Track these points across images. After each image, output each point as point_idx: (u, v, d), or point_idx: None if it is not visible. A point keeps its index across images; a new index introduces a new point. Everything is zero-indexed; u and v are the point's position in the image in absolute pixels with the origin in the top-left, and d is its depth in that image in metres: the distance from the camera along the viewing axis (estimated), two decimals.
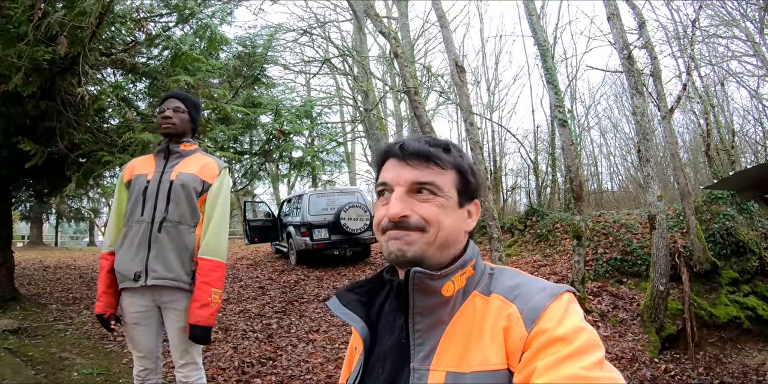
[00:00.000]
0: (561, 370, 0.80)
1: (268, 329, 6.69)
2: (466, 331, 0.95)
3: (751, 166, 13.65)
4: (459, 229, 1.03)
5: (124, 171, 2.91)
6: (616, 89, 21.97)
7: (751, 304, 7.77)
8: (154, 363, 2.80)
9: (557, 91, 8.00)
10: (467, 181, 1.04)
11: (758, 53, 13.05)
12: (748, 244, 8.35)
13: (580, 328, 0.87)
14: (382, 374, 1.02)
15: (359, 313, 1.08)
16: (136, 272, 2.66)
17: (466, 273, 1.01)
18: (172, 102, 2.85)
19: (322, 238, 11.05)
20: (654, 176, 7.34)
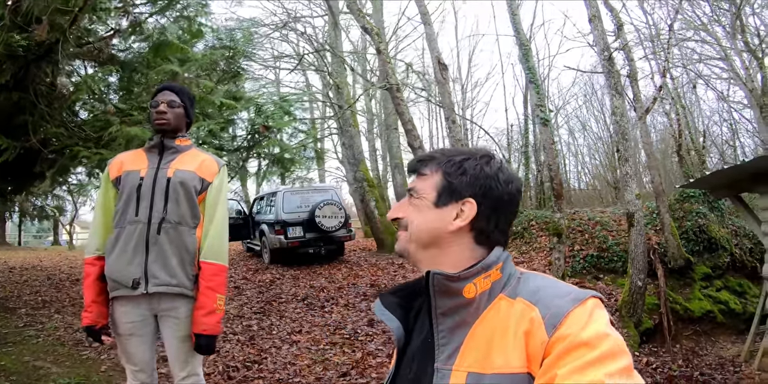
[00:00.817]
0: (584, 377, 0.79)
1: (249, 331, 6.54)
2: (489, 333, 0.96)
3: (721, 166, 14.13)
4: (433, 228, 1.06)
5: (111, 167, 2.66)
6: (587, 90, 22.44)
7: (723, 299, 8.06)
8: (151, 376, 2.59)
9: (539, 90, 8.13)
10: (450, 182, 1.06)
11: (727, 57, 13.47)
12: (720, 241, 8.65)
13: (605, 333, 0.85)
14: (409, 374, 1.06)
15: (397, 314, 1.11)
16: (134, 279, 2.44)
17: (491, 276, 1.01)
18: (167, 95, 2.64)
19: (296, 236, 10.93)
20: (632, 175, 7.52)
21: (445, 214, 1.06)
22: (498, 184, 1.06)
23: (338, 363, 5.43)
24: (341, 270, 10.72)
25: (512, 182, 1.08)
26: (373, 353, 5.73)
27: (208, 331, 2.49)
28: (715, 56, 15.18)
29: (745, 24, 12.53)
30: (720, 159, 16.46)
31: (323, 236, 11.05)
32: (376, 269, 10.56)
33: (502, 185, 1.06)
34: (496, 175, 1.06)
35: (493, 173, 1.06)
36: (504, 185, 1.06)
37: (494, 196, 1.05)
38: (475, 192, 1.05)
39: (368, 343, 6.10)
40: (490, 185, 1.05)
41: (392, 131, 18.34)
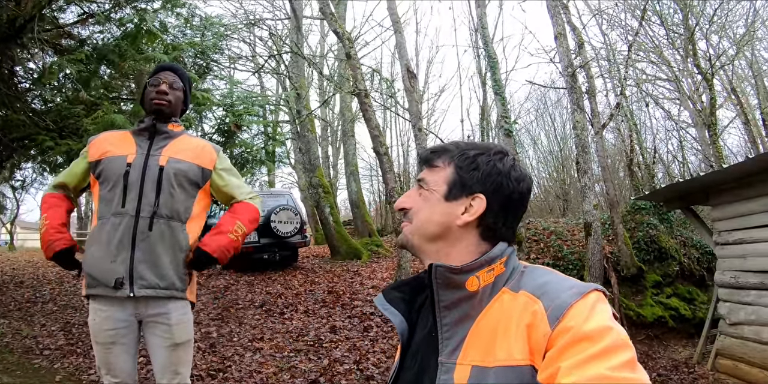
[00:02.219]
0: (586, 371, 0.78)
1: (208, 338, 6.30)
2: (492, 326, 0.96)
3: (667, 180, 14.76)
4: (440, 221, 1.06)
5: (92, 146, 2.41)
6: (539, 105, 23.12)
7: (674, 305, 8.42)
8: None
9: (504, 102, 8.31)
10: (461, 176, 1.06)
11: (677, 79, 14.13)
12: (669, 251, 9.05)
13: (607, 327, 0.85)
14: (414, 368, 1.05)
15: (399, 309, 1.12)
16: (117, 278, 2.18)
17: (495, 270, 1.01)
18: (169, 76, 2.46)
19: (251, 241, 10.59)
20: (591, 186, 7.78)
21: (454, 208, 1.06)
22: (509, 181, 1.06)
23: (305, 370, 5.33)
24: (297, 276, 10.54)
25: (524, 181, 1.08)
26: (340, 360, 5.66)
27: (211, 249, 2.36)
28: (663, 77, 15.97)
29: (697, 47, 13.20)
30: (665, 174, 17.20)
31: (278, 242, 10.81)
32: (332, 276, 10.44)
33: (513, 183, 1.06)
34: (509, 172, 1.06)
35: (506, 170, 1.06)
36: (515, 183, 1.06)
37: (505, 193, 1.05)
38: (485, 188, 1.05)
39: (333, 350, 6.03)
40: (502, 182, 1.05)
41: (349, 138, 18.35)
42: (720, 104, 15.32)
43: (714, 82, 12.83)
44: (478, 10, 8.17)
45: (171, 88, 2.44)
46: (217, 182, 2.51)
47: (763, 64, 18.90)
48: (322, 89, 20.32)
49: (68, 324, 6.62)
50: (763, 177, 5.73)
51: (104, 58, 5.05)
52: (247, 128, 6.87)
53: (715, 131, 12.19)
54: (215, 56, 6.84)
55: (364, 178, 24.67)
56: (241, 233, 2.44)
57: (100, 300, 2.27)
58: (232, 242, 2.41)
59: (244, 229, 2.45)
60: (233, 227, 2.41)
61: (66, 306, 7.65)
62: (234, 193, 2.54)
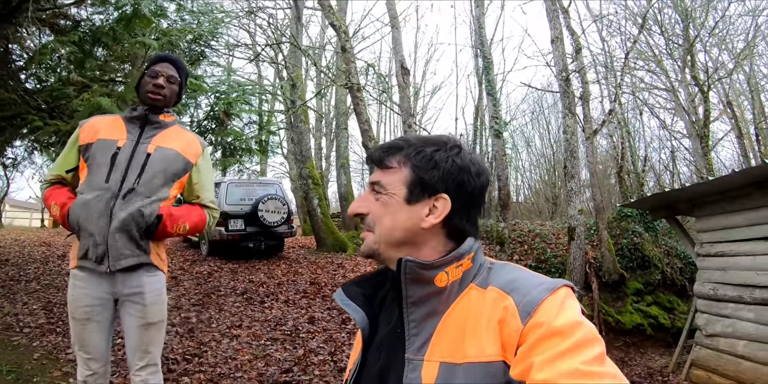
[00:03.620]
0: (560, 365, 0.79)
1: (187, 323, 6.33)
2: (461, 323, 0.95)
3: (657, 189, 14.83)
4: (405, 227, 1.02)
5: (82, 130, 2.46)
6: (535, 107, 23.22)
7: (653, 313, 8.48)
8: (104, 366, 2.42)
9: (496, 103, 8.33)
10: (421, 177, 1.01)
11: (673, 89, 14.18)
12: (653, 259, 9.11)
13: (578, 322, 0.85)
14: (377, 364, 1.04)
15: (361, 304, 1.09)
16: (98, 255, 2.27)
17: (463, 266, 0.99)
18: (167, 68, 2.50)
19: (237, 229, 10.69)
20: (577, 191, 7.81)
21: (417, 211, 1.01)
22: (471, 177, 1.02)
23: (280, 359, 5.36)
24: (280, 266, 10.59)
25: (483, 174, 1.05)
26: (315, 351, 5.69)
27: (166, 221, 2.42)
28: (661, 87, 16.04)
29: (696, 59, 13.24)
30: (656, 183, 17.29)
31: (264, 231, 10.85)
32: (316, 267, 10.49)
33: (474, 178, 1.03)
34: (469, 167, 1.03)
35: (466, 166, 1.02)
36: (476, 178, 1.03)
37: (467, 190, 1.02)
38: (447, 186, 1.01)
39: (310, 341, 6.05)
40: (463, 179, 1.02)
41: (342, 131, 18.34)
42: (715, 117, 15.40)
43: (711, 94, 12.90)
44: (476, 11, 8.18)
45: (168, 82, 2.49)
46: (193, 177, 2.58)
47: (761, 79, 19.01)
48: (318, 80, 20.27)
49: (50, 303, 6.62)
50: (748, 191, 5.76)
51: (98, 40, 5.05)
52: (237, 116, 6.82)
53: (707, 143, 12.27)
54: (211, 43, 6.83)
55: (356, 171, 24.71)
56: (181, 232, 2.51)
57: (78, 275, 2.36)
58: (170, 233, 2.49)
59: (185, 231, 2.52)
60: (181, 224, 2.49)
61: (49, 285, 7.64)
62: (200, 193, 2.62)
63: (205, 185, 2.64)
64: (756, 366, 5.52)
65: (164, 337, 2.60)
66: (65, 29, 5.07)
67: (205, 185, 2.64)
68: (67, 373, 4.42)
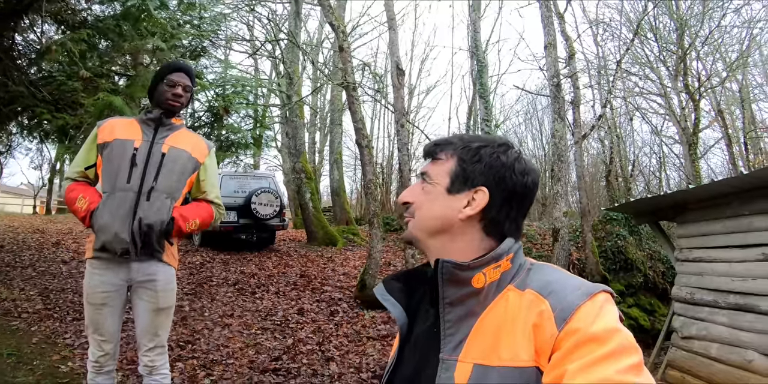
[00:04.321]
0: (594, 373, 0.77)
1: (180, 311, 6.49)
2: (497, 325, 0.94)
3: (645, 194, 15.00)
4: (442, 215, 1.04)
5: (101, 130, 2.67)
6: (529, 109, 23.43)
7: (634, 315, 8.67)
8: (115, 347, 2.62)
9: (488, 105, 8.50)
10: (464, 168, 1.04)
11: (666, 95, 14.35)
12: (636, 262, 9.31)
13: (615, 329, 0.83)
14: (413, 362, 1.05)
15: (400, 300, 1.10)
16: (123, 248, 2.48)
17: (501, 266, 0.98)
18: (184, 78, 2.72)
19: (230, 221, 10.83)
20: (563, 194, 7.99)
21: (457, 201, 1.03)
22: (513, 174, 1.03)
23: (270, 348, 5.54)
24: (271, 258, 10.75)
25: (528, 174, 1.05)
26: (304, 340, 5.87)
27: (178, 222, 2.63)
28: (654, 92, 16.20)
29: (689, 67, 13.41)
30: (645, 188, 17.49)
31: (257, 223, 11.01)
32: (306, 260, 10.66)
33: (517, 176, 1.03)
34: (513, 165, 1.03)
35: (510, 163, 1.03)
36: (519, 176, 1.03)
37: (508, 186, 1.02)
38: (488, 180, 1.02)
39: (299, 331, 6.23)
40: (505, 175, 1.02)
41: (336, 127, 18.43)
42: (706, 125, 15.60)
43: (702, 102, 13.06)
44: (472, 15, 8.33)
45: (184, 91, 2.73)
46: (200, 175, 2.82)
47: (753, 88, 19.22)
48: (315, 76, 20.37)
49: (46, 289, 6.77)
50: (727, 200, 5.89)
51: (105, 35, 5.21)
52: (235, 112, 6.95)
53: (696, 151, 12.46)
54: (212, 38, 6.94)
55: (349, 166, 24.81)
56: (193, 227, 2.73)
57: (98, 263, 2.56)
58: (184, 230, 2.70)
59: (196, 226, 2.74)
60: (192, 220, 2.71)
61: (45, 272, 7.77)
62: (207, 189, 2.86)
63: (211, 182, 2.86)
64: (728, 368, 5.66)
65: (171, 322, 2.82)
66: (74, 24, 5.19)
67: (211, 182, 2.86)
68: (65, 356, 4.58)
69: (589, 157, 21.56)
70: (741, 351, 5.49)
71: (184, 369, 4.67)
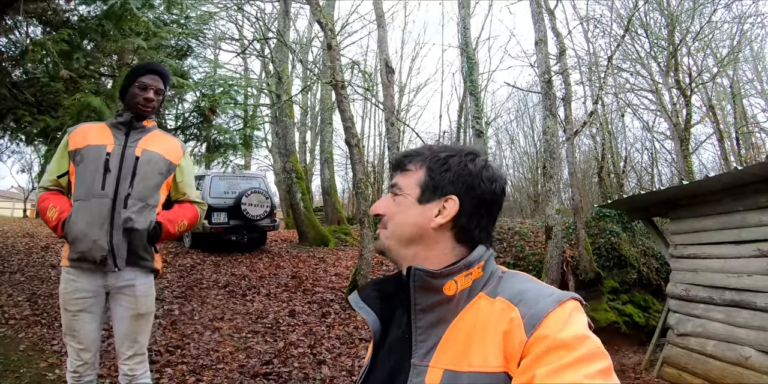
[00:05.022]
0: (562, 378, 0.78)
1: (170, 315, 6.43)
2: (467, 331, 0.95)
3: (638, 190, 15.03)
4: (414, 224, 1.05)
5: (72, 137, 2.59)
6: (520, 106, 23.47)
7: (628, 312, 8.63)
8: (95, 356, 2.53)
9: (478, 102, 8.44)
10: (433, 178, 1.06)
11: (657, 91, 14.35)
12: (629, 259, 9.28)
13: (584, 336, 0.85)
14: (386, 368, 1.05)
15: (374, 307, 1.11)
16: (102, 255, 2.41)
17: (473, 274, 1.00)
18: (156, 81, 2.64)
19: (220, 222, 10.80)
20: (555, 191, 7.95)
21: (428, 210, 1.05)
22: (482, 182, 1.05)
23: (261, 351, 5.47)
24: (263, 260, 10.69)
25: (496, 181, 1.07)
26: (295, 343, 5.80)
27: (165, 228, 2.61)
28: (645, 88, 16.21)
29: (679, 63, 13.40)
30: (637, 184, 17.52)
31: (247, 224, 10.96)
32: (298, 261, 10.59)
33: (485, 183, 1.05)
34: (480, 173, 1.05)
35: (477, 171, 1.05)
36: (487, 184, 1.05)
37: (477, 194, 1.04)
38: (457, 189, 1.04)
39: (290, 334, 6.16)
40: (474, 183, 1.04)
41: (326, 126, 18.38)
42: (697, 121, 15.62)
43: (693, 98, 13.07)
44: (461, 12, 8.28)
45: (156, 95, 2.64)
46: (177, 177, 2.75)
47: (744, 83, 19.26)
48: (305, 75, 20.31)
49: (34, 295, 6.67)
50: (720, 196, 5.88)
51: (87, 35, 5.09)
52: (222, 113, 6.86)
53: (688, 147, 12.46)
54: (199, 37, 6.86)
55: (340, 166, 24.78)
56: (182, 229, 2.71)
57: (73, 271, 2.48)
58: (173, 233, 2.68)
59: (185, 227, 2.72)
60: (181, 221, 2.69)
61: (33, 277, 7.66)
62: (186, 191, 2.80)
63: (189, 183, 2.81)
64: (724, 365, 5.65)
65: (151, 328, 2.74)
66: (55, 23, 5.09)
67: (189, 183, 2.81)
68: (52, 364, 4.49)
69: (581, 153, 21.62)
70: (738, 348, 5.48)
71: (173, 375, 4.59)
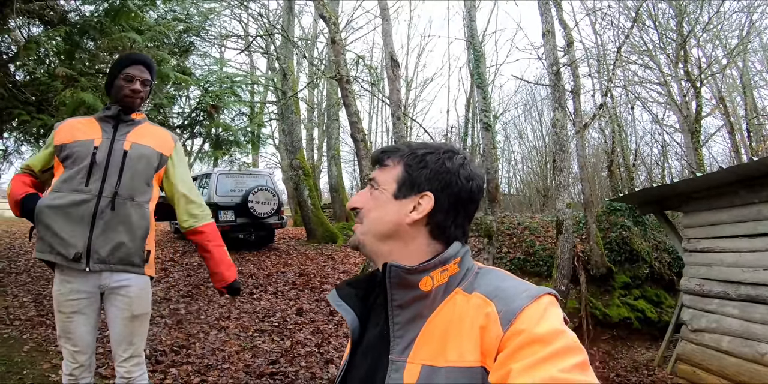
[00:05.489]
0: (538, 372, 0.79)
1: (176, 315, 6.37)
2: (444, 326, 0.96)
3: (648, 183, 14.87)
4: (390, 220, 1.06)
5: (58, 132, 2.51)
6: (528, 100, 23.27)
7: (640, 307, 8.52)
8: (91, 358, 2.48)
9: (486, 96, 8.32)
10: (410, 174, 1.07)
11: (666, 83, 14.17)
12: (641, 253, 9.15)
13: (559, 330, 0.86)
14: (364, 365, 1.06)
15: (353, 305, 1.11)
16: (76, 252, 2.32)
17: (449, 270, 1.01)
18: (142, 72, 2.56)
19: (227, 220, 10.72)
20: (565, 185, 7.83)
21: (403, 206, 1.06)
22: (458, 179, 1.05)
23: (267, 351, 5.40)
24: (270, 257, 10.64)
25: (473, 179, 1.08)
26: (302, 342, 5.72)
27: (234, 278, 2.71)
28: (654, 81, 16.03)
29: (688, 54, 13.22)
30: (647, 177, 17.34)
31: (255, 222, 10.91)
32: (306, 258, 10.54)
33: (462, 181, 1.06)
34: (458, 170, 1.06)
35: (455, 169, 1.06)
36: (464, 181, 1.06)
37: (453, 191, 1.05)
38: (433, 186, 1.05)
39: (297, 332, 6.09)
40: (450, 180, 1.05)
41: (333, 122, 18.31)
42: (707, 113, 15.42)
43: (703, 90, 12.90)
44: (467, 4, 8.16)
45: (142, 86, 2.56)
46: (169, 170, 2.67)
47: (754, 75, 19.03)
48: (310, 71, 20.23)
49: (40, 295, 6.65)
50: (734, 189, 5.77)
51: (86, 33, 5.02)
52: (225, 109, 6.79)
53: (698, 139, 12.29)
54: (202, 34, 6.79)
55: (348, 162, 24.72)
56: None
57: (66, 272, 2.40)
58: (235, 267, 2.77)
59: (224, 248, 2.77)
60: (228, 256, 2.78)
61: (39, 277, 7.65)
62: (176, 183, 2.70)
63: (181, 177, 2.72)
64: (740, 362, 5.55)
65: (148, 330, 2.68)
66: (53, 21, 5.03)
67: (181, 177, 2.72)
68: (56, 365, 4.44)
69: (590, 147, 21.47)
70: (753, 344, 5.37)
71: (177, 375, 4.53)
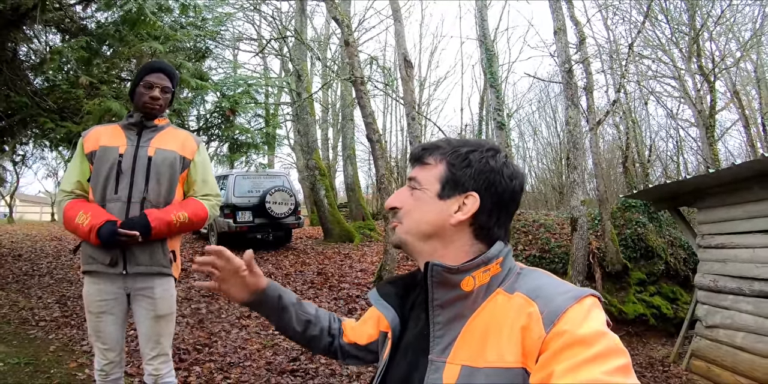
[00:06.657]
0: (580, 374, 0.78)
1: (197, 314, 6.49)
2: (485, 327, 0.95)
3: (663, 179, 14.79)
4: (434, 221, 1.05)
5: (86, 140, 2.60)
6: (542, 96, 23.19)
7: (656, 304, 8.49)
8: (120, 355, 2.61)
9: (499, 94, 8.37)
10: (454, 173, 1.05)
11: (680, 77, 14.09)
12: (656, 250, 9.11)
13: (602, 332, 0.84)
14: (403, 365, 1.06)
15: (393, 303, 1.13)
16: (112, 257, 2.45)
17: (491, 270, 1.00)
18: (162, 79, 2.63)
19: (245, 220, 10.91)
20: (580, 182, 7.86)
21: (447, 206, 1.04)
22: (502, 178, 1.04)
23: (287, 348, 5.48)
24: (288, 257, 10.74)
25: (516, 178, 1.06)
26: None
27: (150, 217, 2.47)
28: (668, 75, 15.92)
29: (702, 48, 13.13)
30: (663, 173, 17.23)
31: (272, 222, 11.06)
32: (323, 258, 10.62)
33: (506, 180, 1.04)
34: (501, 169, 1.05)
35: (499, 167, 1.04)
36: (508, 180, 1.05)
37: (497, 191, 1.04)
38: (478, 185, 1.03)
39: None
40: (494, 179, 1.04)
41: (348, 122, 18.38)
42: (722, 107, 15.32)
43: (717, 83, 12.81)
44: (478, 2, 8.20)
45: (162, 93, 2.63)
46: (191, 172, 2.73)
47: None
48: (324, 72, 20.31)
49: (63, 297, 6.80)
50: (748, 184, 5.76)
51: (104, 42, 5.13)
52: (242, 113, 6.90)
53: (713, 133, 12.22)
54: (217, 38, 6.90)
55: (363, 162, 24.72)
56: (182, 220, 2.57)
57: (94, 275, 2.53)
58: (171, 222, 2.54)
59: (186, 219, 2.58)
60: (178, 213, 2.57)
61: (62, 279, 7.81)
62: (194, 186, 2.75)
63: (203, 178, 2.76)
64: (753, 358, 5.56)
65: (174, 329, 2.78)
66: (72, 30, 5.15)
67: (203, 178, 2.76)
68: (82, 364, 4.55)
69: (604, 143, 21.33)
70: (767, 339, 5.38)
71: (201, 373, 4.64)
